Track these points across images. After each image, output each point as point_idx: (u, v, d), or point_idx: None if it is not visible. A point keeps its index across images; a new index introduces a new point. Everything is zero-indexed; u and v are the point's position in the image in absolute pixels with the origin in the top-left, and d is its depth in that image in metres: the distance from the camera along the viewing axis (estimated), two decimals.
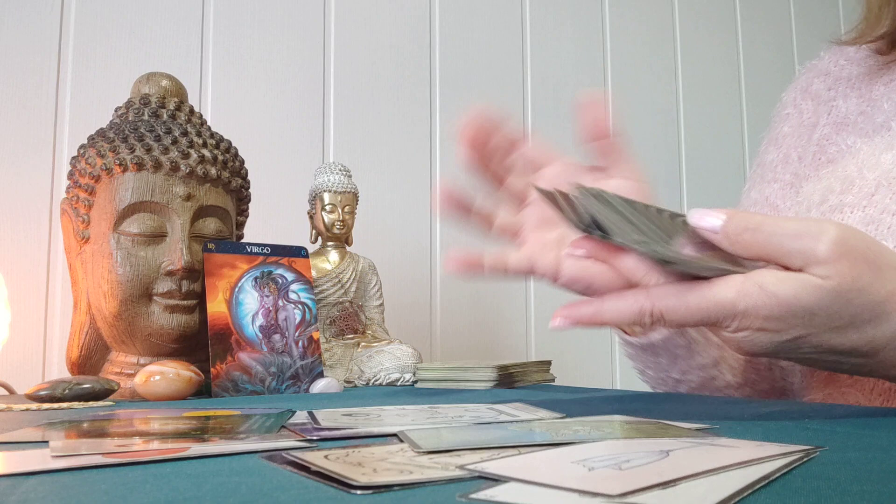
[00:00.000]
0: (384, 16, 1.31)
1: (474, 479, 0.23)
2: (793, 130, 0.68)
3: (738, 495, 0.20)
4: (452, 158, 1.35)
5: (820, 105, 0.66)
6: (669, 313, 0.37)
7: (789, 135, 0.68)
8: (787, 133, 0.69)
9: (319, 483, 0.23)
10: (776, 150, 0.69)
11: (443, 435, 0.32)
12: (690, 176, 1.63)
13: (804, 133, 0.67)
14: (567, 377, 1.00)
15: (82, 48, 1.06)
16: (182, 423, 0.40)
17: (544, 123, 1.46)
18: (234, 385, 0.69)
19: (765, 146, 0.71)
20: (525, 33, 1.46)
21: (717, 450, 0.27)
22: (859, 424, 0.35)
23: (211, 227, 0.73)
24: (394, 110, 1.30)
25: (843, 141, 0.59)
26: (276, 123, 1.20)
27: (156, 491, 0.22)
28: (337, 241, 0.91)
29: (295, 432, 0.35)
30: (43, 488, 0.23)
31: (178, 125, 0.73)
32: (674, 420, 0.37)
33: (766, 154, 0.70)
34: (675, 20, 1.67)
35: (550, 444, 0.29)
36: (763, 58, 1.79)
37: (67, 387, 0.60)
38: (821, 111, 0.66)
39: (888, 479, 0.22)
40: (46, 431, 0.38)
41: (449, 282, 1.31)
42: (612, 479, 0.22)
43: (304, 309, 0.76)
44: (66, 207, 0.73)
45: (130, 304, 0.68)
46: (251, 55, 1.19)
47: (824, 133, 0.63)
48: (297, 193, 1.12)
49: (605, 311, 0.38)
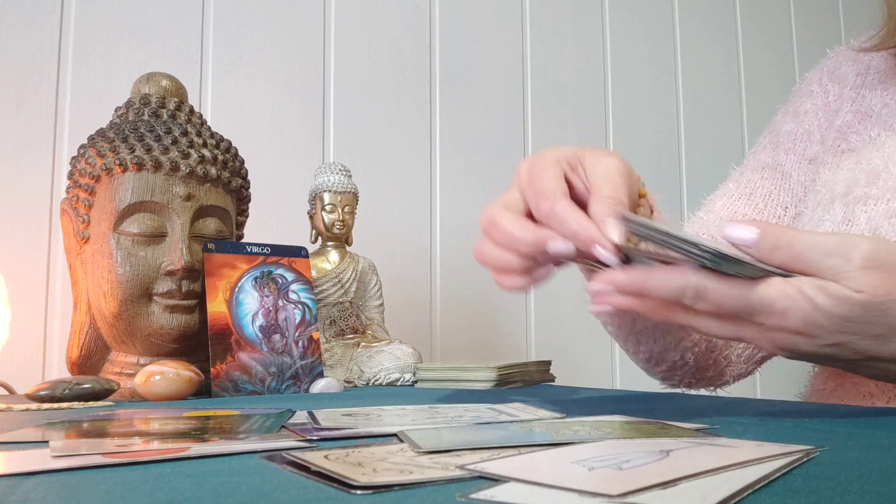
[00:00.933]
0: (384, 16, 1.31)
1: (474, 479, 0.23)
2: (815, 109, 0.68)
3: (738, 495, 0.20)
4: (452, 158, 1.35)
5: (845, 90, 0.66)
6: (712, 292, 0.37)
7: (811, 112, 0.69)
8: (808, 110, 0.69)
9: (319, 483, 0.23)
10: (795, 123, 0.70)
11: (443, 435, 0.32)
12: (690, 176, 1.63)
13: (828, 115, 0.67)
14: (567, 377, 1.00)
15: (82, 48, 1.06)
16: (182, 423, 0.40)
17: (544, 123, 1.46)
18: (234, 385, 0.69)
19: (781, 116, 0.72)
20: (525, 33, 1.46)
21: (717, 450, 0.27)
22: (859, 424, 0.35)
23: (211, 227, 0.73)
24: (394, 110, 1.30)
25: (866, 132, 0.59)
26: (276, 123, 1.20)
27: (156, 491, 0.22)
28: (337, 241, 0.91)
29: (295, 432, 0.35)
30: (43, 488, 0.23)
31: (178, 125, 0.73)
32: (674, 420, 0.37)
33: (783, 124, 0.71)
34: (675, 20, 1.67)
35: (550, 444, 0.29)
36: (763, 59, 1.78)
37: (67, 387, 0.60)
38: (846, 97, 0.66)
39: (888, 479, 0.22)
40: (46, 431, 0.38)
41: (449, 282, 1.31)
42: (612, 479, 0.22)
43: (304, 309, 0.76)
44: (66, 207, 0.73)
45: (130, 304, 0.68)
46: (251, 55, 1.19)
47: (846, 120, 0.64)
48: (297, 193, 1.12)
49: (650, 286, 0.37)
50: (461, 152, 1.36)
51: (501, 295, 1.36)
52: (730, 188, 0.71)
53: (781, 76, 1.81)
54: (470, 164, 1.37)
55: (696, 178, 1.63)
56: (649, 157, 1.59)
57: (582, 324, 1.43)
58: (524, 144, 1.44)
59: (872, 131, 0.59)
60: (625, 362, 1.49)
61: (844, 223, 0.52)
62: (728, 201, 0.71)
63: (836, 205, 0.54)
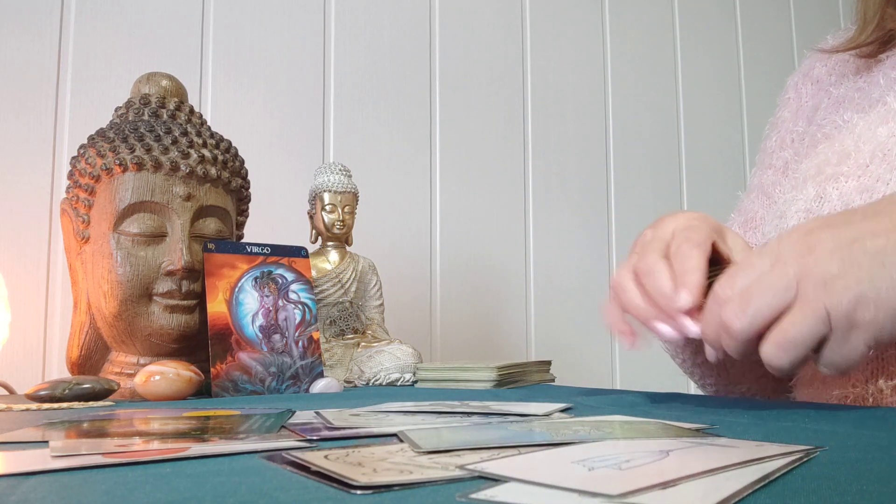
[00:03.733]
0: (384, 16, 1.31)
1: (474, 479, 0.23)
2: (791, 115, 0.69)
3: (738, 495, 0.20)
4: (452, 158, 1.35)
5: (821, 89, 0.66)
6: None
7: (787, 119, 0.69)
8: (786, 118, 0.69)
9: (319, 483, 0.23)
10: (776, 135, 0.70)
11: (443, 435, 0.32)
12: (690, 176, 1.63)
13: (802, 116, 0.67)
14: (567, 377, 1.00)
15: (82, 48, 1.06)
16: (182, 423, 0.40)
17: (544, 123, 1.46)
18: (234, 385, 0.69)
19: (767, 131, 0.72)
20: (525, 33, 1.46)
21: (717, 450, 0.27)
22: (859, 424, 0.35)
23: (211, 227, 0.73)
24: (394, 110, 1.30)
25: (839, 117, 0.59)
26: (276, 123, 1.20)
27: (156, 491, 0.22)
28: (337, 241, 0.91)
29: (295, 432, 0.35)
30: (43, 488, 0.23)
31: (178, 125, 0.73)
32: (674, 420, 0.37)
33: (768, 139, 0.71)
34: (675, 20, 1.67)
35: (550, 444, 0.29)
36: (763, 58, 1.78)
37: (67, 387, 0.60)
38: (821, 95, 0.66)
39: (888, 479, 0.22)
40: (46, 431, 0.38)
41: (449, 282, 1.31)
42: (612, 479, 0.22)
43: (304, 309, 0.76)
44: (66, 207, 0.73)
45: (130, 304, 0.68)
46: (251, 55, 1.19)
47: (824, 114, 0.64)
48: (297, 193, 1.12)
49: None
50: (461, 152, 1.36)
51: (501, 295, 1.36)
52: (732, 218, 0.71)
53: (781, 76, 1.80)
54: (470, 164, 1.37)
55: (696, 178, 1.63)
56: (649, 157, 1.59)
57: (582, 324, 1.43)
58: (524, 145, 1.44)
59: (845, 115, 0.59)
60: (625, 362, 1.49)
61: (816, 200, 0.52)
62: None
63: (809, 184, 0.54)
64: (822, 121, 0.63)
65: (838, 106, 0.62)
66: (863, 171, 0.50)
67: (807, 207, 0.53)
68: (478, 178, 1.37)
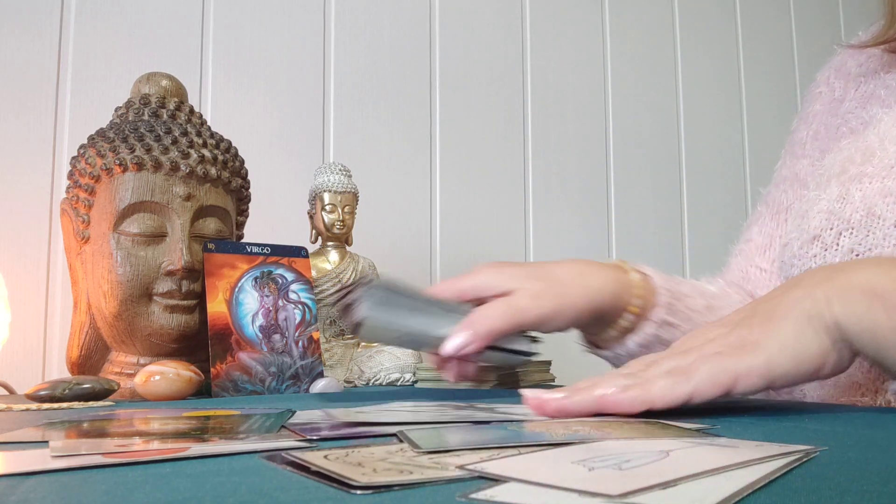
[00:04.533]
0: (384, 16, 1.31)
1: (474, 479, 0.23)
2: (824, 108, 0.69)
3: (738, 495, 0.20)
4: (452, 158, 1.35)
5: (850, 81, 0.67)
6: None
7: (820, 112, 0.69)
8: (818, 111, 0.69)
9: (319, 483, 0.23)
10: (806, 128, 0.70)
11: (443, 435, 0.32)
12: (690, 176, 1.63)
13: (834, 108, 0.67)
14: (567, 377, 1.00)
15: (82, 48, 1.06)
16: (182, 423, 0.40)
17: (544, 123, 1.46)
18: (234, 385, 0.69)
19: (796, 124, 0.72)
20: (525, 33, 1.46)
21: (717, 450, 0.27)
22: (859, 424, 0.35)
23: (211, 227, 0.73)
24: (394, 110, 1.30)
25: (865, 113, 0.59)
26: (276, 123, 1.20)
27: (156, 491, 0.22)
28: (337, 241, 0.91)
29: (295, 432, 0.35)
30: (43, 488, 0.23)
31: (178, 125, 0.73)
32: (674, 420, 0.37)
33: (797, 132, 0.71)
34: (675, 20, 1.67)
35: (550, 444, 0.29)
36: (763, 58, 1.78)
37: (67, 387, 0.60)
38: (849, 88, 0.66)
39: (888, 479, 0.22)
40: (46, 431, 0.38)
41: None
42: (612, 479, 0.22)
43: (304, 309, 0.76)
44: (66, 207, 0.73)
45: (130, 304, 0.68)
46: (251, 55, 1.19)
47: (850, 107, 0.64)
48: (297, 193, 1.12)
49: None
50: (461, 152, 1.36)
51: None
52: (760, 211, 0.71)
53: (781, 76, 1.81)
54: (470, 164, 1.37)
55: (696, 178, 1.63)
56: (649, 157, 1.59)
57: None
58: (524, 144, 1.44)
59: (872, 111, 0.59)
60: None
61: (839, 201, 0.52)
62: (762, 226, 0.70)
63: (833, 183, 0.53)
64: (848, 114, 0.63)
65: (865, 101, 0.62)
66: (887, 173, 0.50)
67: (829, 208, 0.52)
68: (478, 178, 1.37)
